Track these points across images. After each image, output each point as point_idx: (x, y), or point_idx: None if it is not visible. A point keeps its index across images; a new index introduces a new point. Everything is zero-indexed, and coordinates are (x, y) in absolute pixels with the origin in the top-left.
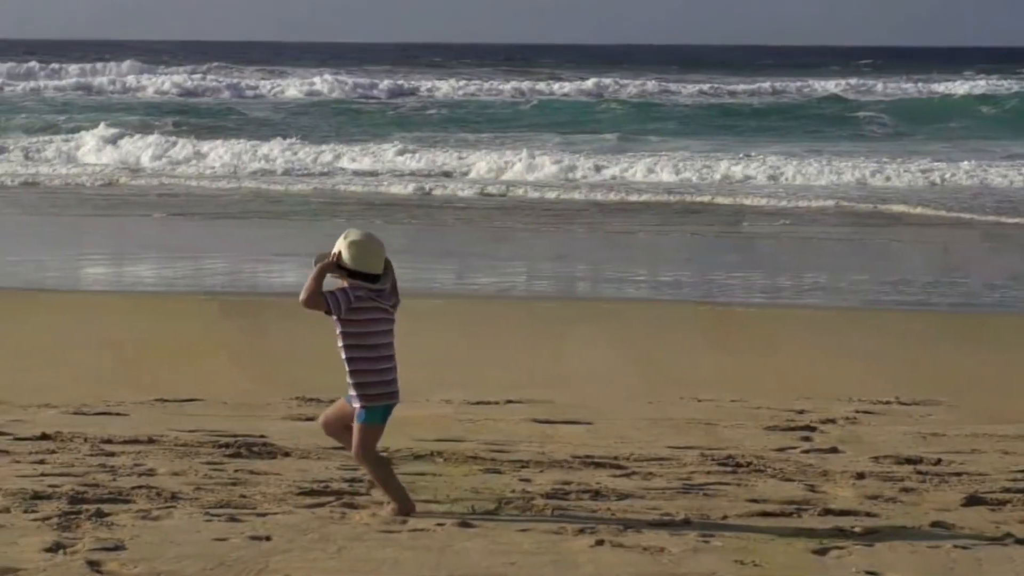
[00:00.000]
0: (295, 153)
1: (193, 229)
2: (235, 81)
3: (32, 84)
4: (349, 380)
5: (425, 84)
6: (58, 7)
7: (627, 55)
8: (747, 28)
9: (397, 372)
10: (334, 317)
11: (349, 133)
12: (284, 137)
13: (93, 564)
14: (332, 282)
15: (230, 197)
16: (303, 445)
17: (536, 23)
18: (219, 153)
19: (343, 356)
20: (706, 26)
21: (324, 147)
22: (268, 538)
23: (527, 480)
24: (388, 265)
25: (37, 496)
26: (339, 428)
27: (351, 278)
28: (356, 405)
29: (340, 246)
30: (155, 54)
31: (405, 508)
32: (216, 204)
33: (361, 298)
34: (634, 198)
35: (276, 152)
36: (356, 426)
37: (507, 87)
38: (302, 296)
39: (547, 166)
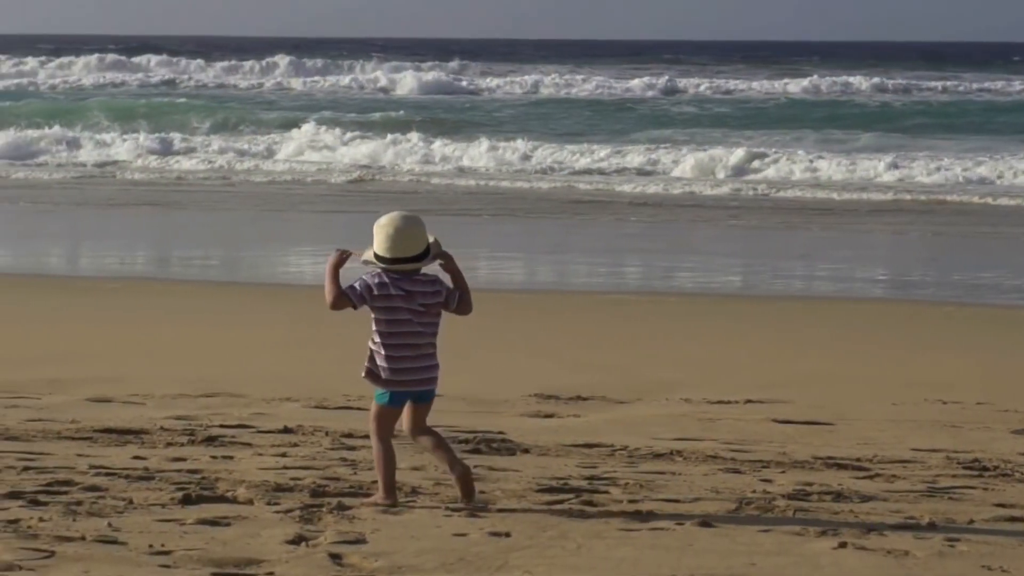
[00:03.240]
0: (536, 150)
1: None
2: (484, 79)
3: (279, 80)
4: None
5: (681, 81)
6: (300, 5)
7: (860, 51)
8: (985, 24)
9: (425, 363)
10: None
11: (600, 130)
12: (528, 135)
13: (335, 557)
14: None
15: (467, 194)
16: (542, 442)
17: (771, 19)
18: (455, 150)
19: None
20: (943, 21)
21: (570, 145)
22: (508, 534)
23: (768, 480)
24: (429, 253)
25: (279, 489)
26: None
27: (379, 262)
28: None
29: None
30: (395, 52)
31: (387, 499)
32: (451, 201)
33: (385, 285)
34: (881, 196)
35: (519, 150)
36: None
37: (755, 84)
38: (327, 300)
39: (791, 164)
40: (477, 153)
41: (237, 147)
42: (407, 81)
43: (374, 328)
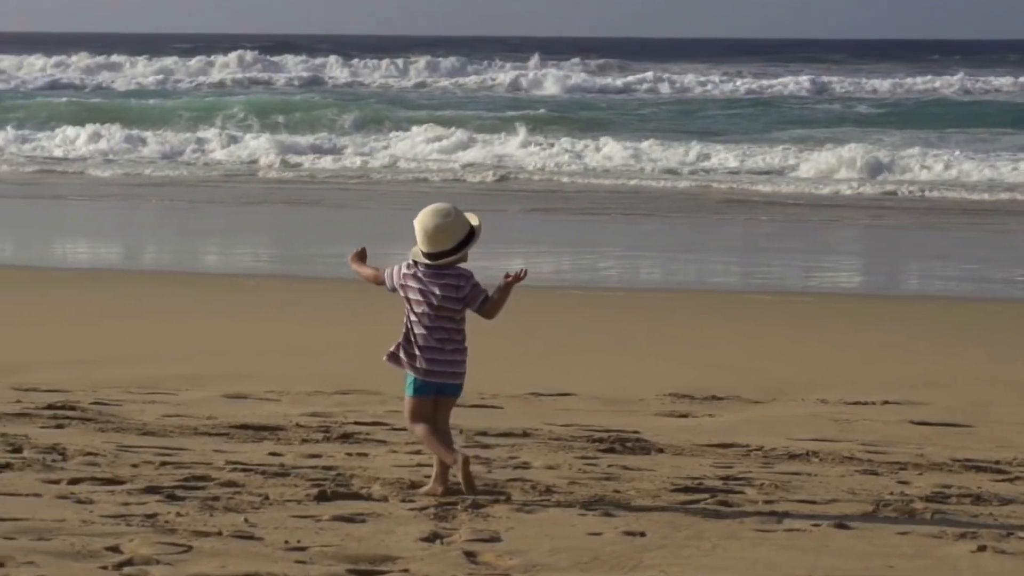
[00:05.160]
0: (674, 149)
1: (550, 225)
2: (623, 76)
3: (419, 79)
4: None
5: (825, 79)
6: (436, 4)
7: (1000, 48)
8: None
9: (447, 356)
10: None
11: (739, 129)
12: (666, 133)
13: (469, 555)
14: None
15: (605, 193)
16: (676, 442)
17: (900, 16)
18: (592, 149)
19: None
20: None
21: (708, 144)
22: (643, 534)
23: (905, 483)
24: (468, 242)
25: (414, 486)
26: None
27: (423, 256)
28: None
29: None
30: (529, 50)
31: (452, 457)
32: (587, 200)
33: (407, 275)
34: None
35: (655, 148)
36: None
37: (899, 81)
38: (372, 281)
39: (933, 163)
40: (614, 151)
41: (377, 145)
42: (545, 79)
43: (405, 312)
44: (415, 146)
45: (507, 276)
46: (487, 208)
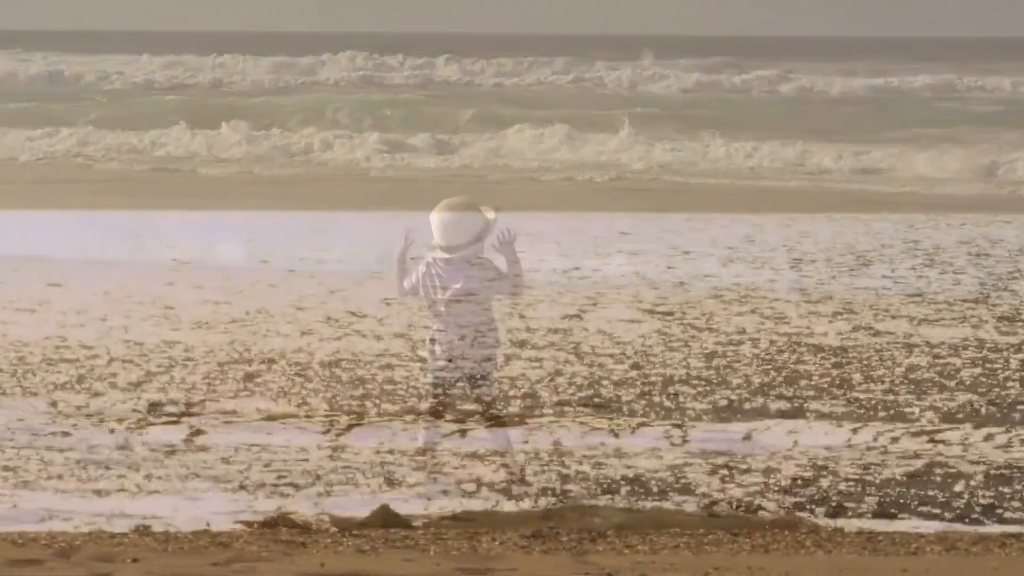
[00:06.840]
0: (785, 148)
1: (661, 224)
2: (743, 75)
3: (535, 77)
4: None
5: (947, 77)
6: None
7: None
8: None
9: (466, 350)
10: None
11: (856, 128)
12: (780, 132)
13: (575, 553)
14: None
15: (729, 193)
16: (783, 444)
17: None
18: (702, 148)
19: None
20: None
21: (819, 144)
22: (748, 534)
23: None
24: (482, 236)
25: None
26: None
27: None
28: None
29: None
30: (636, 48)
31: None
32: (695, 201)
33: (427, 276)
34: None
35: (763, 147)
36: None
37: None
38: (397, 292)
39: None
40: (727, 150)
41: (490, 144)
42: (659, 78)
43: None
44: (526, 145)
45: (497, 244)
46: (598, 207)
